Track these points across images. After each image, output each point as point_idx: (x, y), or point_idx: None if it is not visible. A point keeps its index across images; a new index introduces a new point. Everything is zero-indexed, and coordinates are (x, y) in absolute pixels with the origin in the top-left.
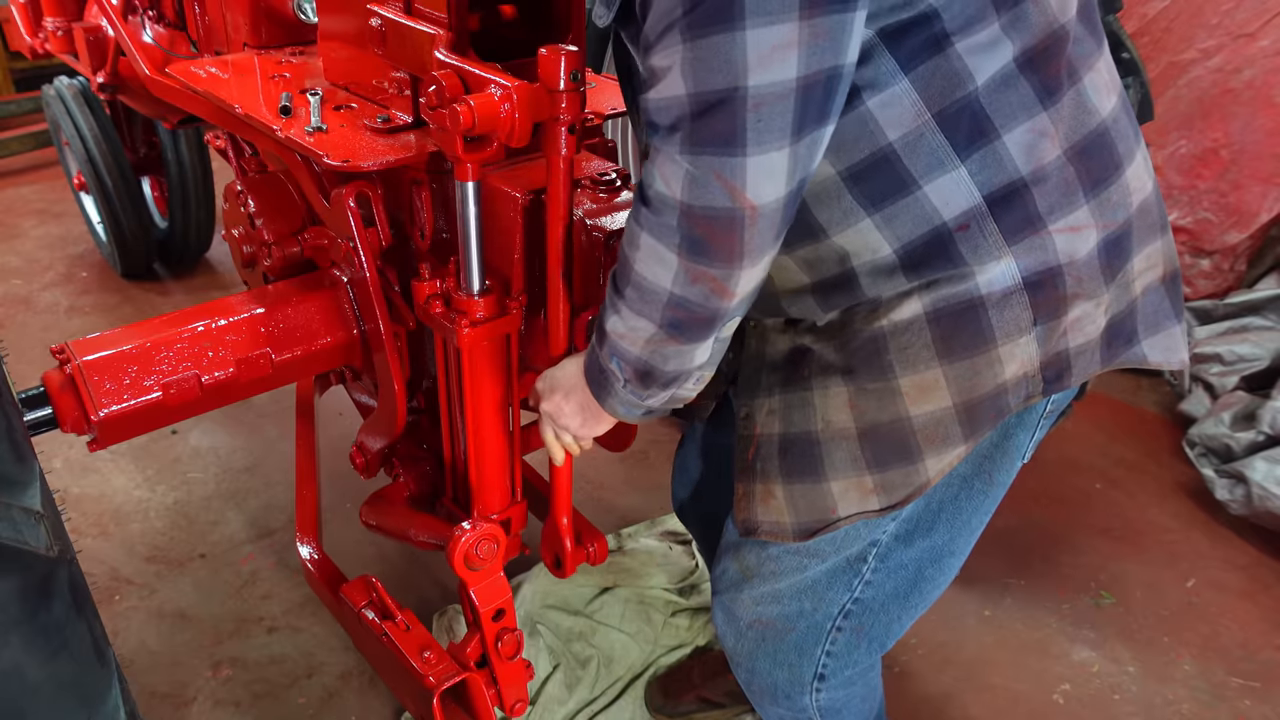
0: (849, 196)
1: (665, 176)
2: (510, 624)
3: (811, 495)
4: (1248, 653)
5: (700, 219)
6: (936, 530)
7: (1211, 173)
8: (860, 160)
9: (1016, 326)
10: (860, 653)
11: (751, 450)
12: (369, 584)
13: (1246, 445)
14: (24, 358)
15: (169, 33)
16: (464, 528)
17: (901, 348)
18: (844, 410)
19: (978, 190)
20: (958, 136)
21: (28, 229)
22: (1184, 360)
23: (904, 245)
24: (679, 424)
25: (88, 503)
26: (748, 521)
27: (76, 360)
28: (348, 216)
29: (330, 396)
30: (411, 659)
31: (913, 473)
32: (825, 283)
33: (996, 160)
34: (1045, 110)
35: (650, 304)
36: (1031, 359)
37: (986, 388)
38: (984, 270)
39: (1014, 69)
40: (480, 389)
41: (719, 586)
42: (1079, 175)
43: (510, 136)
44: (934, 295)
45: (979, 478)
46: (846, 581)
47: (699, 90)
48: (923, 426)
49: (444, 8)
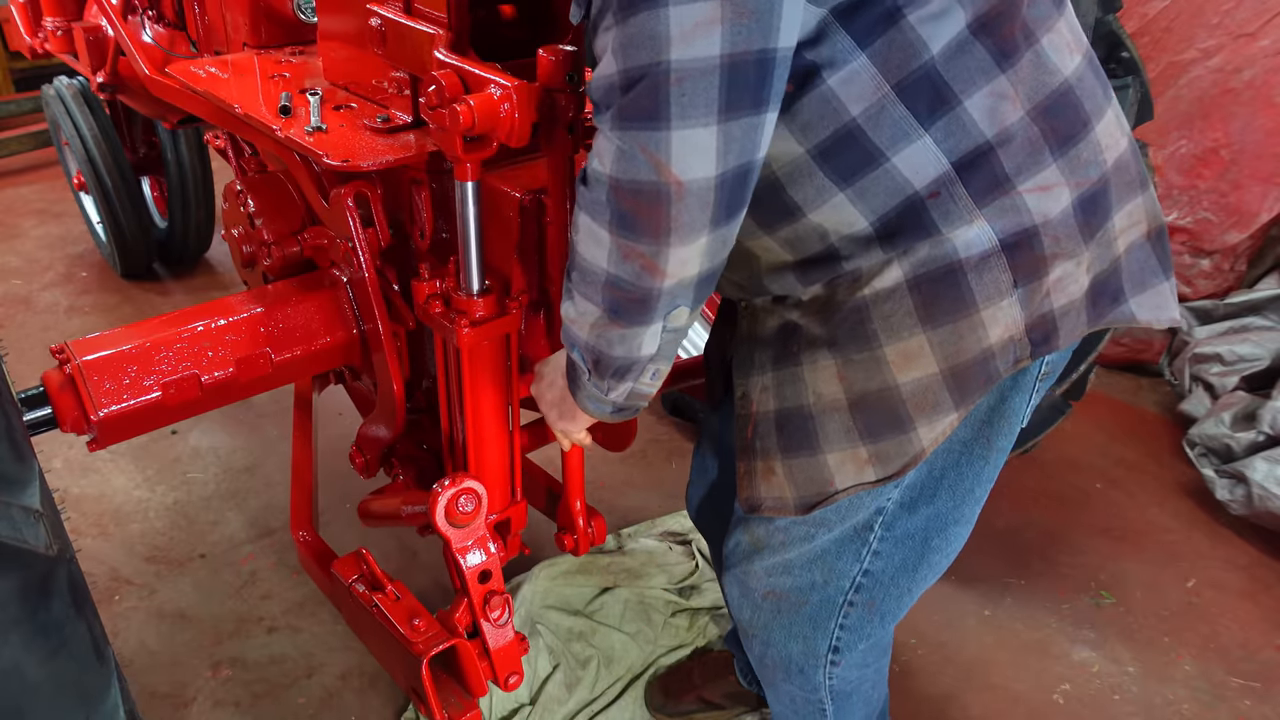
0: (820, 174)
1: (599, 153)
2: (498, 587)
3: (809, 469)
4: (1248, 653)
5: (627, 193)
6: (939, 497)
7: (1211, 173)
8: (826, 137)
9: (996, 289)
10: (873, 625)
11: (750, 428)
12: (360, 557)
13: (1247, 445)
14: (24, 358)
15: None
16: (443, 484)
17: (884, 316)
18: (833, 382)
19: (945, 157)
20: (919, 106)
21: (28, 229)
22: (1174, 317)
23: (879, 217)
24: (678, 424)
25: (88, 503)
26: (751, 499)
27: (76, 360)
28: (346, 216)
29: (330, 396)
30: (401, 627)
31: (905, 442)
32: (807, 260)
33: (960, 126)
34: (1003, 73)
35: (591, 285)
36: (1016, 322)
37: (971, 352)
38: (958, 235)
39: (968, 35)
40: (480, 389)
41: (731, 561)
42: (1044, 134)
43: (510, 136)
44: (913, 262)
45: (978, 443)
46: (855, 551)
47: (627, 67)
48: (911, 394)
49: (444, 7)
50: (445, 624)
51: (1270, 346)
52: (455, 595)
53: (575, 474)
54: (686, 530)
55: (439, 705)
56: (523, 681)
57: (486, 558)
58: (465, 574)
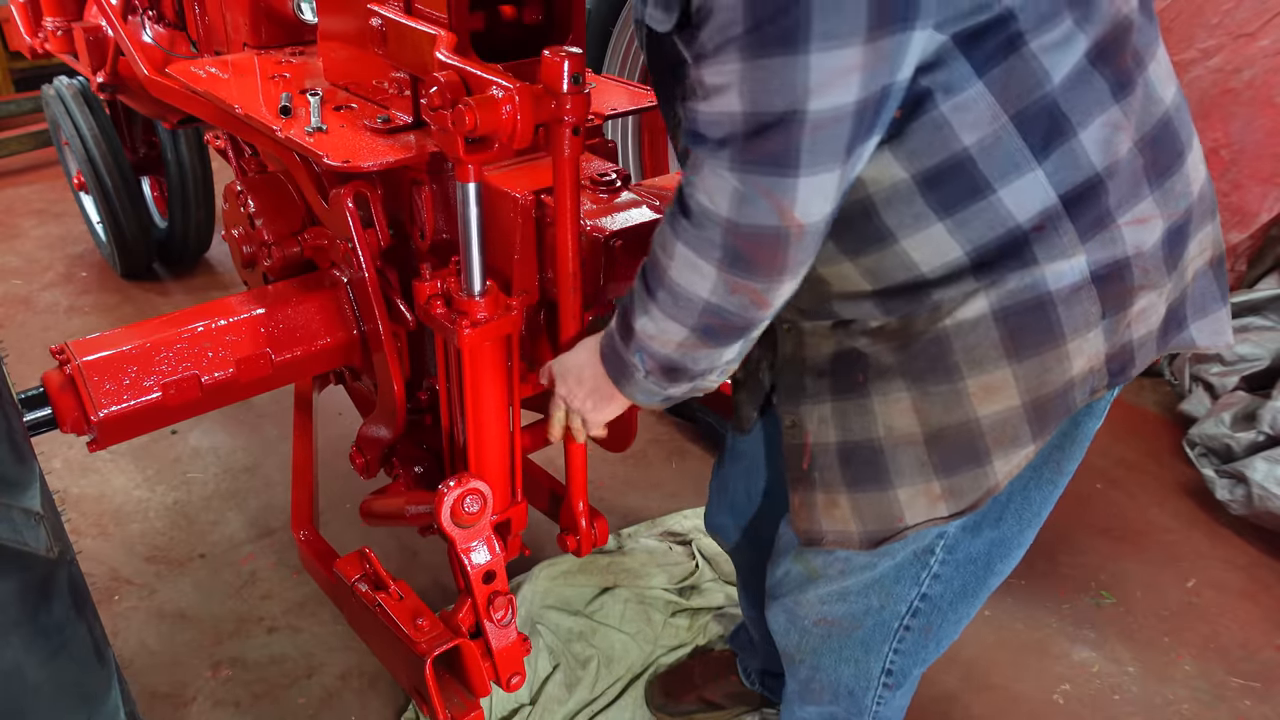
0: (920, 201)
1: (710, 191)
2: (502, 587)
3: (878, 504)
4: (1248, 653)
5: (746, 236)
6: (1005, 521)
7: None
8: (933, 165)
9: (1085, 321)
10: (929, 649)
11: (806, 459)
12: (362, 557)
13: (1247, 445)
14: (24, 358)
15: (169, 33)
16: (449, 484)
17: (968, 348)
18: (908, 415)
19: (1054, 190)
20: (1035, 138)
21: (28, 229)
22: (1229, 342)
23: (975, 248)
24: (678, 424)
25: (87, 503)
26: (811, 532)
27: (76, 360)
28: (346, 217)
29: (330, 396)
30: (404, 626)
31: (981, 475)
32: (889, 289)
33: (1073, 158)
34: (1117, 103)
35: (684, 310)
36: (1098, 353)
37: (1055, 384)
38: (1053, 267)
39: (1087, 64)
40: (481, 389)
41: (780, 590)
42: (1146, 166)
43: (512, 138)
44: (1000, 293)
45: (1048, 467)
46: (914, 575)
47: (755, 110)
48: (991, 428)
49: (444, 8)
50: (448, 624)
51: (1270, 346)
52: (459, 595)
53: (578, 475)
54: (686, 530)
55: (442, 705)
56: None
57: (491, 558)
58: (470, 574)
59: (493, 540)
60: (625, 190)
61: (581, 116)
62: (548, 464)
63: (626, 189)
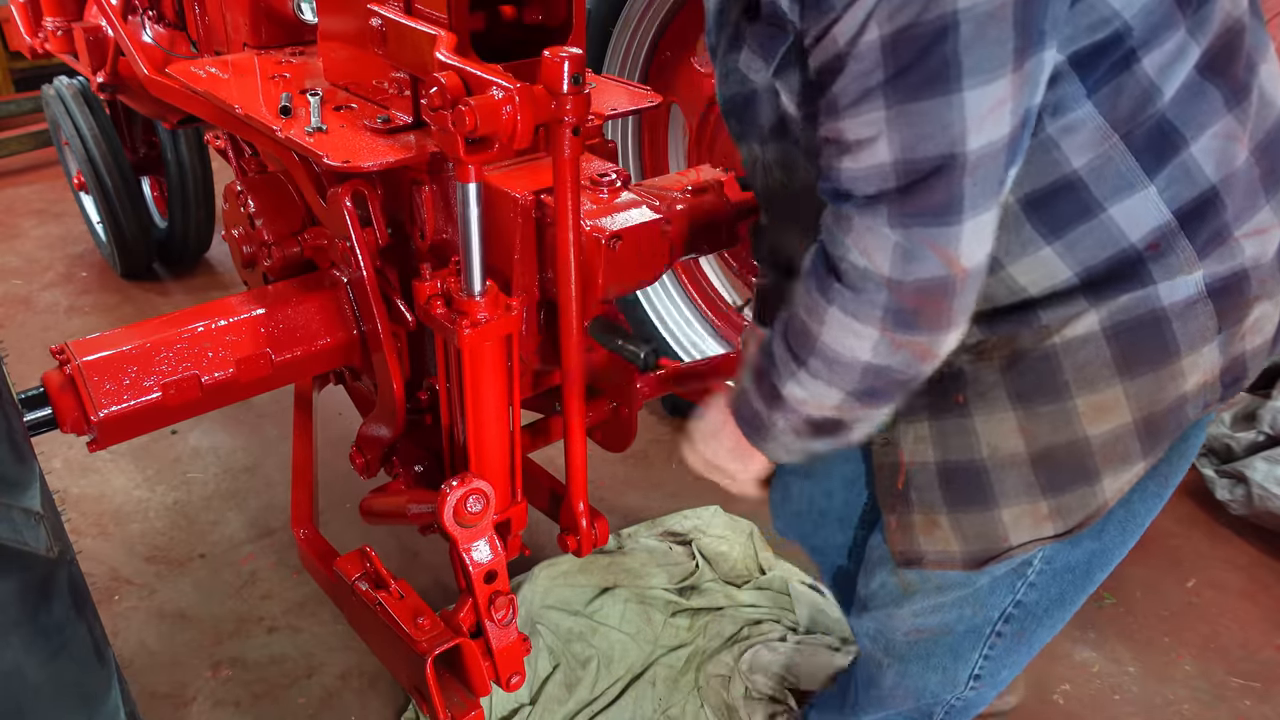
0: (1027, 225)
1: (867, 250)
2: (503, 587)
3: (981, 524)
4: (1248, 653)
5: (912, 292)
6: (1107, 532)
7: None
8: (1041, 188)
9: (1201, 336)
10: (1020, 654)
11: (901, 478)
12: (363, 555)
13: (1246, 445)
14: (24, 358)
15: (169, 33)
16: (452, 484)
17: (1078, 366)
18: (1013, 435)
19: (1166, 207)
20: (1147, 156)
21: (28, 229)
22: None
23: (1085, 269)
24: (679, 424)
25: (88, 503)
26: (909, 553)
27: (76, 360)
28: (343, 216)
29: (330, 396)
30: (405, 625)
31: (1089, 495)
32: (993, 309)
33: (1185, 173)
34: (1230, 111)
35: (842, 375)
36: (1213, 367)
37: (1168, 401)
38: (1169, 283)
39: (1197, 76)
40: (481, 389)
41: (873, 603)
42: (1261, 175)
43: (512, 139)
44: (1110, 309)
45: (1154, 479)
46: (1010, 584)
47: (909, 158)
48: (1101, 446)
49: (444, 8)
50: (449, 623)
51: None
52: (459, 594)
53: (579, 475)
54: (687, 530)
55: (442, 704)
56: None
57: (493, 557)
58: (471, 574)
59: (494, 540)
60: (625, 190)
61: (581, 117)
62: (548, 464)
63: (626, 189)
